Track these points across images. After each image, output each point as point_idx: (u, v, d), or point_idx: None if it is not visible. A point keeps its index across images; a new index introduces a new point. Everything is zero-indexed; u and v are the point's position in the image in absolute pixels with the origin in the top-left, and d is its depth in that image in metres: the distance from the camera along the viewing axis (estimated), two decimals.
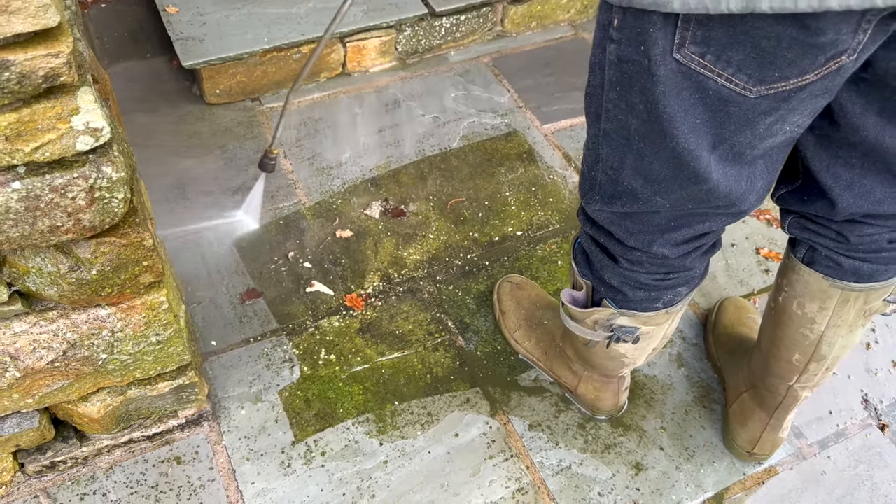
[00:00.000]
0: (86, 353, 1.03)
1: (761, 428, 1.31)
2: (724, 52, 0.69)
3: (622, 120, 0.82)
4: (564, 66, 2.12)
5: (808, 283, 1.09)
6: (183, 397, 1.23)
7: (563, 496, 1.31)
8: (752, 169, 0.85)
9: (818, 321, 1.11)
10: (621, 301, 1.10)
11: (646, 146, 0.82)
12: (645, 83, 0.75)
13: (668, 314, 1.11)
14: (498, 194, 1.79)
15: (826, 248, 1.05)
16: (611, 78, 0.79)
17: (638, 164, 0.85)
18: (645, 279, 1.05)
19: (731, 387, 1.39)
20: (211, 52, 1.77)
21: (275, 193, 1.71)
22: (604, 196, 0.94)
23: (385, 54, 2.01)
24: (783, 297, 1.15)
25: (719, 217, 0.93)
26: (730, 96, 0.73)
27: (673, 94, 0.74)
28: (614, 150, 0.87)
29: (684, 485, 1.35)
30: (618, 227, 0.99)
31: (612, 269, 1.06)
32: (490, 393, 1.43)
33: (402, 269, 1.61)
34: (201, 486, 1.26)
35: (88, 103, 0.77)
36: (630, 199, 0.91)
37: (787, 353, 1.19)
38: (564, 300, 1.17)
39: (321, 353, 1.46)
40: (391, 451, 1.34)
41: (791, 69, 0.69)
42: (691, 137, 0.78)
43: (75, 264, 0.90)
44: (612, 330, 1.14)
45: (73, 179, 0.80)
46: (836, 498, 1.36)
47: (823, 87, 0.73)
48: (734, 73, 0.71)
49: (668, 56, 0.72)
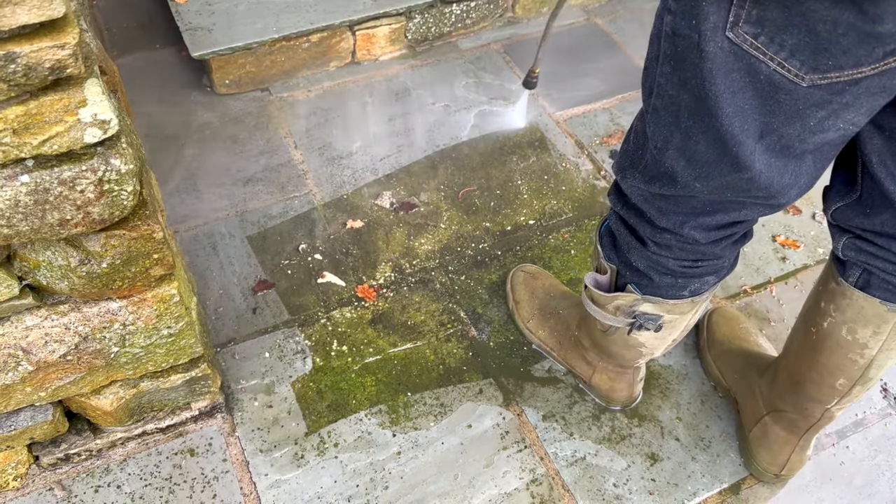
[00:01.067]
0: (98, 347, 1.02)
1: (790, 451, 1.26)
2: (779, 34, 0.67)
3: (673, 96, 0.80)
4: (576, 52, 2.09)
5: (861, 307, 1.03)
6: (196, 389, 1.23)
7: (578, 487, 1.30)
8: (799, 163, 0.82)
9: (870, 346, 1.06)
10: (647, 286, 1.07)
11: (694, 125, 0.80)
12: (694, 59, 0.73)
13: (693, 303, 1.09)
14: (510, 183, 1.77)
15: (885, 271, 0.99)
16: (665, 51, 0.77)
17: (684, 144, 0.83)
18: (673, 265, 1.02)
19: (748, 410, 1.33)
20: (220, 42, 1.76)
21: (285, 184, 1.71)
22: (645, 175, 0.92)
23: (395, 42, 2.00)
24: (829, 323, 1.08)
25: (756, 207, 0.90)
26: (781, 83, 0.71)
27: (721, 74, 0.72)
28: (661, 128, 0.85)
29: (700, 476, 1.34)
30: (651, 205, 0.96)
31: (639, 251, 1.03)
32: (503, 384, 1.43)
33: (414, 259, 1.60)
34: (215, 478, 1.27)
35: (96, 95, 0.76)
36: (669, 182, 0.89)
37: (832, 378, 1.12)
38: (587, 283, 1.14)
39: (333, 345, 1.45)
40: (404, 442, 1.33)
41: (846, 58, 0.67)
42: (735, 121, 0.75)
43: (85, 258, 0.89)
44: (634, 316, 1.11)
45: (81, 172, 0.79)
46: (855, 488, 1.35)
47: (881, 84, 0.70)
48: (787, 57, 0.68)
49: (720, 33, 0.70)
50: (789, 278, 1.65)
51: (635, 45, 2.14)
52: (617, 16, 2.21)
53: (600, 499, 1.29)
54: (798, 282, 1.64)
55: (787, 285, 1.64)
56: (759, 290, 1.62)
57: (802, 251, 1.70)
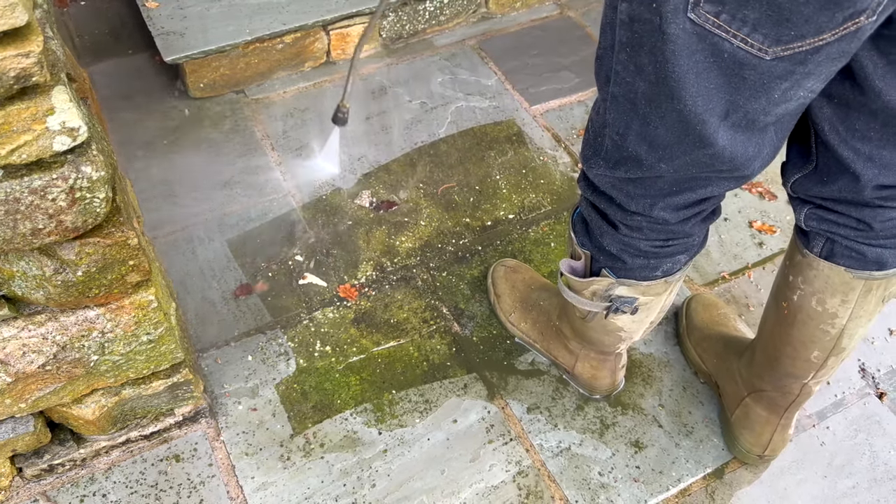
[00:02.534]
0: (77, 356, 1.02)
1: (772, 430, 1.28)
2: (740, 9, 0.68)
3: (630, 83, 0.81)
4: (551, 46, 2.10)
5: (828, 277, 1.05)
6: (178, 395, 1.23)
7: (564, 477, 1.31)
8: (763, 136, 0.83)
9: (840, 315, 1.08)
10: (620, 269, 1.08)
11: (651, 111, 0.81)
12: (655, 42, 0.74)
13: (666, 283, 1.10)
14: (488, 178, 1.78)
15: (847, 238, 1.01)
16: (621, 39, 0.78)
17: (643, 130, 0.84)
18: (644, 246, 1.03)
19: (730, 393, 1.35)
20: (193, 46, 1.75)
21: (263, 186, 1.70)
22: (608, 161, 0.93)
23: (370, 41, 1.99)
24: (798, 296, 1.10)
25: (722, 181, 0.91)
26: (745, 59, 0.72)
27: (684, 55, 0.73)
28: (620, 115, 0.86)
29: (684, 461, 1.35)
30: (619, 191, 0.98)
31: (611, 235, 1.05)
32: (487, 378, 1.43)
33: (395, 257, 1.61)
34: (201, 483, 1.26)
35: (64, 103, 0.75)
36: (634, 166, 0.90)
37: (806, 351, 1.15)
38: (563, 269, 1.15)
39: (316, 345, 1.45)
40: (390, 439, 1.34)
41: (808, 27, 0.68)
42: (699, 101, 0.76)
43: (60, 266, 0.89)
44: (610, 300, 1.13)
45: (52, 181, 0.79)
46: (835, 467, 1.37)
47: (840, 49, 0.71)
48: (750, 32, 0.69)
49: (681, 15, 0.70)
50: (766, 263, 1.67)
51: None
52: (590, 8, 2.22)
53: (586, 488, 1.30)
54: (775, 266, 1.66)
55: (764, 270, 1.65)
56: (737, 275, 1.64)
57: (779, 236, 1.72)
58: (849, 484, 1.35)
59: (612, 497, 1.30)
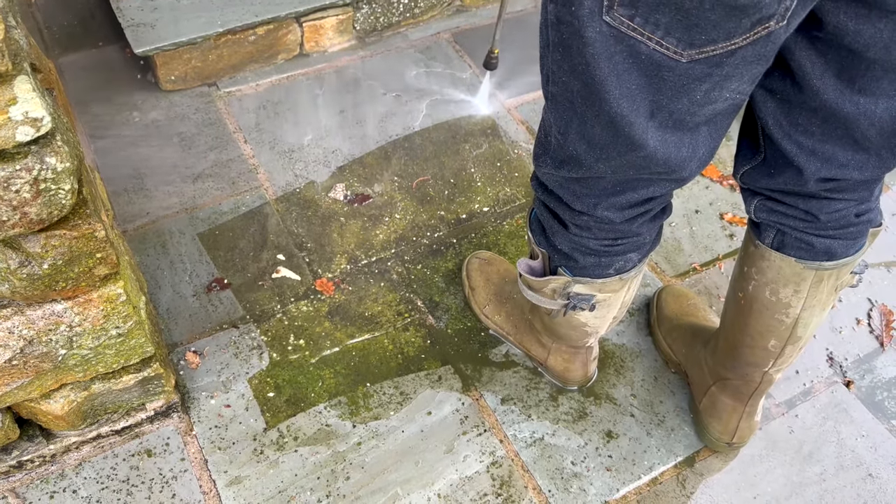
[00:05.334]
0: (44, 350, 1.01)
1: (738, 418, 1.30)
2: (652, 14, 0.69)
3: (566, 82, 0.81)
4: (525, 40, 2.11)
5: (780, 268, 1.07)
6: (150, 389, 1.22)
7: (537, 467, 1.32)
8: (695, 136, 0.84)
9: (793, 305, 1.10)
10: (574, 268, 1.10)
11: (587, 110, 0.82)
12: (577, 45, 0.75)
13: (621, 280, 1.11)
14: (463, 171, 1.78)
15: (796, 229, 1.04)
16: (552, 39, 0.79)
17: (581, 129, 0.85)
18: (594, 245, 1.05)
19: (697, 382, 1.37)
20: (163, 38, 1.73)
21: (235, 179, 1.69)
22: (554, 160, 0.94)
23: (343, 33, 1.99)
24: (753, 286, 1.13)
25: (661, 182, 0.92)
26: (662, 61, 0.73)
27: (604, 58, 0.74)
28: (560, 114, 0.86)
29: (656, 450, 1.37)
30: (566, 190, 0.99)
31: (562, 234, 1.06)
32: (462, 370, 1.44)
33: (370, 250, 1.60)
34: (173, 478, 1.25)
35: (26, 92, 0.74)
36: (575, 165, 0.91)
37: (763, 340, 1.17)
38: (521, 269, 1.17)
39: (290, 339, 1.44)
40: (364, 432, 1.34)
41: (717, 32, 0.69)
42: (623, 102, 0.77)
43: (25, 259, 0.88)
44: (568, 298, 1.14)
45: (15, 172, 0.78)
46: (803, 455, 1.39)
47: (755, 52, 0.72)
48: (663, 35, 0.70)
49: (597, 18, 0.71)
50: (736, 255, 1.69)
51: None
52: None
53: (559, 477, 1.32)
54: None
55: (734, 261, 1.67)
56: (709, 266, 1.66)
57: None
58: (817, 470, 1.37)
59: (584, 486, 1.31)
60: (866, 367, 1.53)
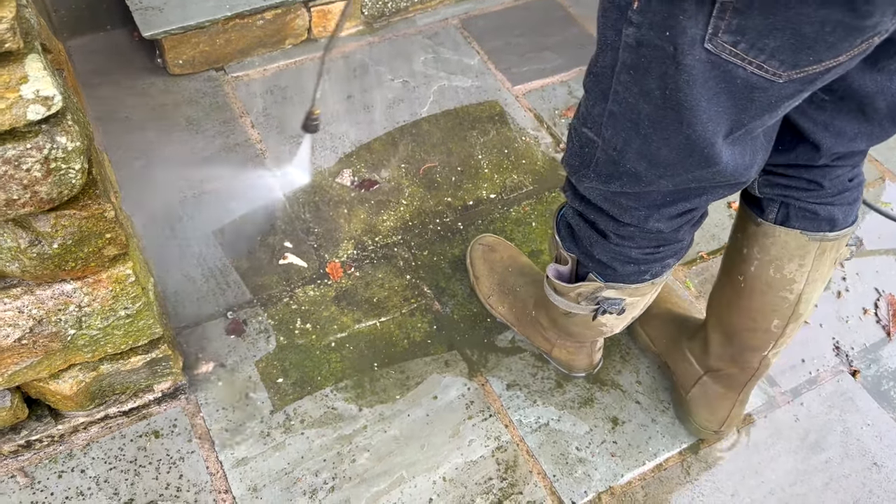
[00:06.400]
0: (53, 330, 1.01)
1: (730, 406, 1.30)
2: (760, 39, 0.68)
3: (632, 104, 0.80)
4: (534, 26, 2.10)
5: (785, 242, 1.07)
6: (157, 371, 1.23)
7: (542, 452, 1.33)
8: (755, 143, 0.84)
9: (797, 280, 1.10)
10: (609, 275, 1.08)
11: (655, 132, 0.80)
12: (667, 69, 0.73)
13: (653, 285, 1.10)
14: (470, 158, 1.77)
15: (800, 199, 1.04)
16: (625, 61, 0.77)
17: (644, 149, 0.83)
18: (636, 254, 1.03)
19: (684, 373, 1.36)
20: (171, 22, 1.73)
21: (243, 164, 1.69)
22: (600, 175, 0.91)
23: (351, 18, 1.98)
24: (756, 266, 1.12)
25: (719, 190, 0.92)
26: (758, 83, 0.72)
27: (698, 84, 0.72)
28: (619, 133, 0.84)
29: (661, 437, 1.37)
30: (612, 203, 0.96)
31: (601, 245, 1.04)
32: (468, 355, 1.44)
33: (376, 236, 1.61)
34: (180, 459, 1.26)
35: (37, 71, 0.74)
36: (631, 181, 0.89)
37: (766, 321, 1.16)
38: (550, 275, 1.14)
39: (297, 323, 1.45)
40: (370, 415, 1.34)
41: (828, 52, 0.68)
42: (709, 126, 0.76)
43: (35, 238, 0.88)
44: (597, 303, 1.12)
45: (26, 150, 0.78)
46: (809, 444, 1.39)
47: (848, 65, 0.72)
48: (766, 59, 0.69)
49: (698, 46, 0.70)
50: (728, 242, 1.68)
51: (592, 17, 2.15)
52: None
53: (564, 462, 1.32)
54: None
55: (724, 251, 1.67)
56: (715, 254, 1.66)
57: None
58: (822, 459, 1.38)
59: (588, 471, 1.32)
60: (872, 357, 1.53)
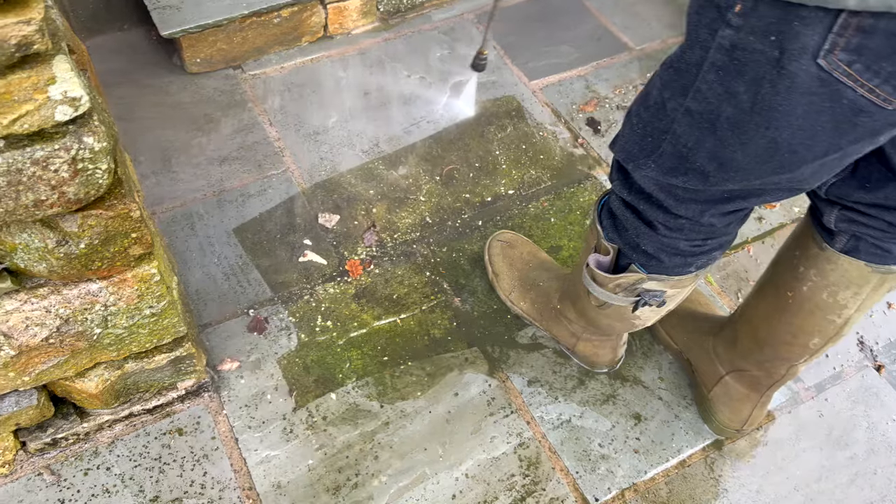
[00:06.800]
0: (80, 329, 1.02)
1: (752, 407, 1.29)
2: (878, 62, 0.66)
3: (714, 104, 0.78)
4: (550, 20, 2.09)
5: (846, 271, 1.04)
6: (181, 369, 1.23)
7: (564, 449, 1.32)
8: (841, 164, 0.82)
9: (850, 306, 1.08)
10: (654, 267, 1.05)
11: (733, 135, 0.78)
12: (765, 73, 0.71)
13: (696, 276, 1.08)
14: (488, 154, 1.77)
15: (874, 237, 1.01)
16: (714, 61, 0.75)
17: (717, 150, 0.81)
18: (684, 246, 1.00)
19: (706, 371, 1.35)
20: (189, 20, 1.73)
21: (262, 162, 1.69)
22: (662, 167, 0.89)
23: (367, 15, 1.98)
24: (809, 287, 1.09)
25: (779, 193, 0.89)
26: (865, 107, 0.69)
27: (798, 93, 0.70)
28: (693, 131, 0.82)
29: (684, 433, 1.36)
30: (667, 194, 0.94)
31: (648, 236, 1.01)
32: (488, 351, 1.44)
33: (395, 233, 1.60)
34: (204, 456, 1.27)
35: (65, 72, 0.75)
36: (696, 178, 0.86)
37: (806, 339, 1.14)
38: (591, 264, 1.12)
39: (318, 320, 1.45)
40: (392, 412, 1.35)
41: None
42: (798, 135, 0.74)
43: (63, 238, 0.88)
44: (638, 294, 1.10)
45: (54, 151, 0.78)
46: (833, 439, 1.38)
47: None
48: (880, 83, 0.67)
49: (808, 58, 0.67)
50: (766, 238, 1.67)
51: (608, 10, 2.13)
52: None
53: (586, 459, 1.32)
54: (774, 241, 1.67)
55: (763, 245, 1.66)
56: (737, 249, 1.64)
57: (778, 210, 1.72)
58: (847, 455, 1.36)
59: (612, 468, 1.31)
60: None
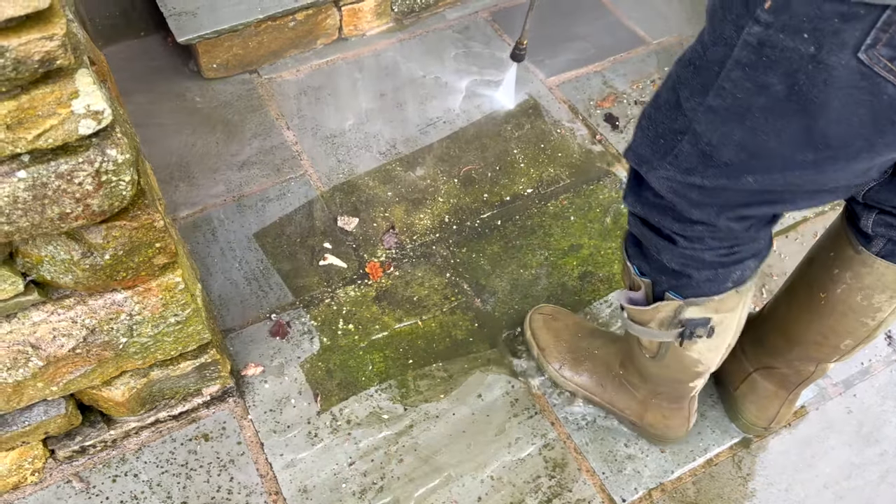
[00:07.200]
0: (106, 338, 1.03)
1: (780, 404, 1.27)
2: None
3: (741, 99, 0.76)
4: (565, 16, 2.07)
5: (882, 275, 1.02)
6: (206, 375, 1.24)
7: (590, 449, 1.32)
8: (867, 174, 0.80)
9: (884, 309, 1.06)
10: (686, 287, 1.01)
11: (767, 122, 0.76)
12: (799, 67, 0.69)
13: (738, 294, 1.02)
14: (505, 152, 1.76)
15: None
16: (740, 59, 0.73)
17: (747, 139, 0.78)
18: (709, 257, 0.96)
19: (731, 369, 1.32)
20: (205, 26, 1.74)
21: (280, 166, 1.70)
22: (679, 166, 0.86)
23: (381, 16, 1.97)
24: (843, 290, 1.07)
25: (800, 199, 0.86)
26: None
27: (835, 88, 0.69)
28: (716, 127, 0.80)
29: (710, 432, 1.35)
30: (682, 197, 0.90)
31: (670, 251, 0.97)
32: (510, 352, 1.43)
33: (414, 234, 1.60)
34: (230, 461, 1.28)
35: (87, 86, 0.75)
36: (718, 174, 0.83)
37: (837, 340, 1.13)
38: (622, 302, 1.09)
39: (339, 324, 1.45)
40: (415, 415, 1.34)
41: None
42: (833, 126, 0.72)
43: (88, 250, 0.89)
44: (682, 325, 1.05)
45: (78, 164, 0.79)
46: (863, 435, 1.36)
47: None
48: None
49: (848, 51, 0.66)
50: (789, 232, 1.65)
51: (624, 5, 2.12)
52: None
53: (612, 459, 1.31)
54: (798, 234, 1.65)
55: (787, 238, 1.64)
56: None
57: None
58: (876, 451, 1.35)
59: (638, 468, 1.30)
60: None
